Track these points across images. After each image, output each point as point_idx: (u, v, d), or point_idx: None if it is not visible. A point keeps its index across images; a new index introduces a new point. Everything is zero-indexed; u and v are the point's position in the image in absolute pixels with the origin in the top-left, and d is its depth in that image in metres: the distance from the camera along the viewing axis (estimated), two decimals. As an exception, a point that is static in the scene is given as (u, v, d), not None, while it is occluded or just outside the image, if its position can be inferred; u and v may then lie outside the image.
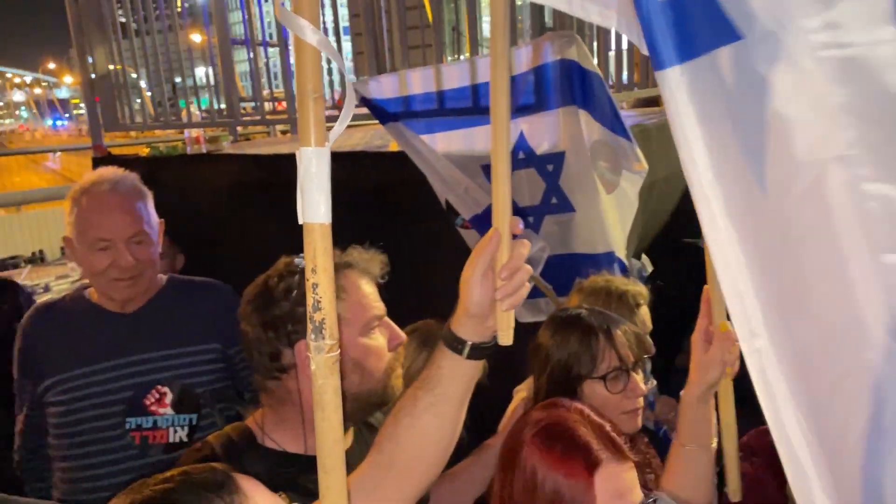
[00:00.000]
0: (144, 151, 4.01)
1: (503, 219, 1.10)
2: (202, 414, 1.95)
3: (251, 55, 4.32)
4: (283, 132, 6.15)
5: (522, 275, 1.08)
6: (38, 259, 11.55)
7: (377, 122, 2.77)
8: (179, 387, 1.93)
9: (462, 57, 4.52)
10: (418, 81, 2.77)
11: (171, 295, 2.02)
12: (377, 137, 3.93)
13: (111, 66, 3.92)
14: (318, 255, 0.97)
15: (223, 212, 3.43)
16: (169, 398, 1.92)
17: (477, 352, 1.11)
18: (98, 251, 1.85)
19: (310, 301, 0.97)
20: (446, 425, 1.12)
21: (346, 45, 5.64)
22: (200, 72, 4.64)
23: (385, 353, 1.45)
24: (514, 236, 1.10)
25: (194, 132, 3.60)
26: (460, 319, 1.11)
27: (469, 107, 2.76)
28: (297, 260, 1.47)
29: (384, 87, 2.78)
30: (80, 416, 1.88)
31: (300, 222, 0.98)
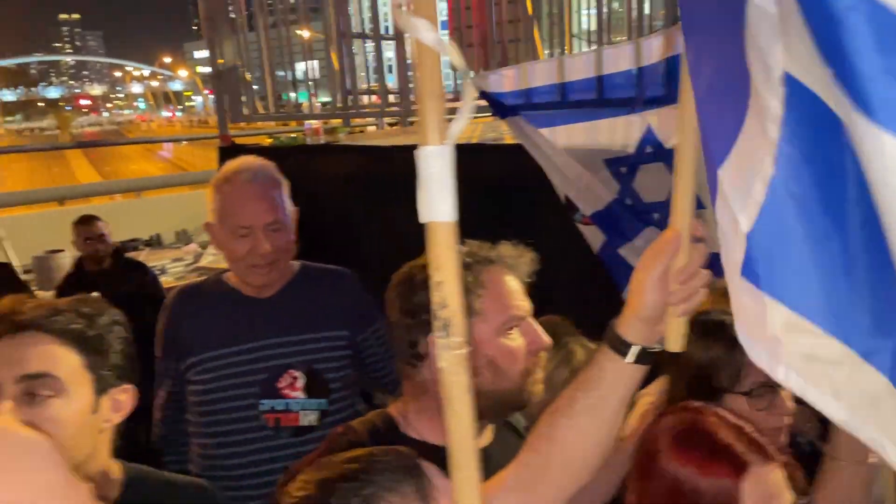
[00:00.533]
0: (266, 142, 4.16)
1: (683, 220, 1.05)
2: (332, 399, 2.00)
3: (357, 48, 4.39)
4: (392, 124, 6.24)
5: (699, 280, 1.04)
6: (155, 242, 12.23)
7: (490, 115, 2.75)
8: (310, 372, 1.98)
9: (557, 52, 4.44)
10: (540, 73, 2.73)
11: (304, 282, 2.07)
12: (490, 130, 3.92)
13: (235, 60, 4.09)
14: (441, 253, 0.96)
15: (341, 200, 3.51)
16: (300, 382, 1.97)
17: (643, 357, 1.08)
18: (238, 238, 1.92)
19: (435, 298, 0.97)
20: (604, 428, 1.09)
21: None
22: (316, 64, 4.77)
23: (521, 355, 1.41)
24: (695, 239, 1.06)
25: (314, 124, 3.68)
26: (628, 322, 1.07)
27: (593, 99, 2.69)
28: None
29: (504, 81, 2.75)
30: (218, 395, 1.96)
31: (422, 221, 0.98)
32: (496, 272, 1.42)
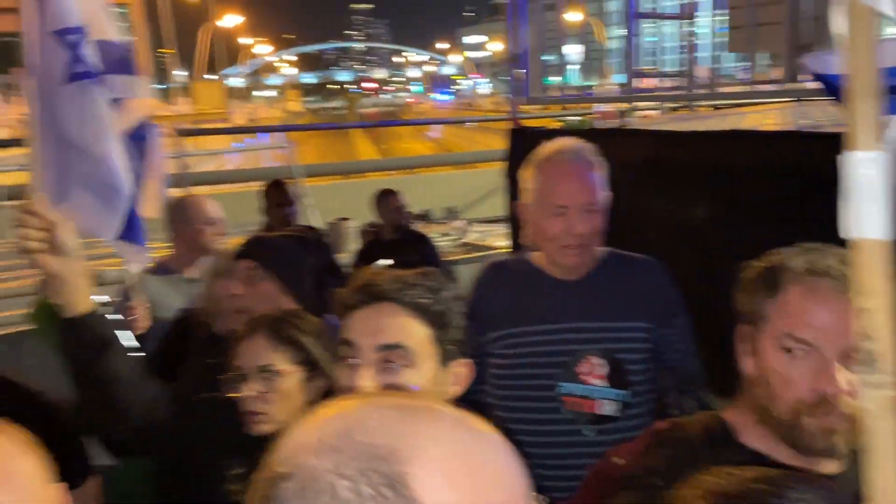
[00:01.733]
0: (554, 125, 4.18)
1: None
2: (634, 391, 1.93)
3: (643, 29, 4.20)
4: (674, 109, 5.94)
5: None
6: (425, 217, 13.08)
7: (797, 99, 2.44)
8: (612, 361, 1.93)
9: None
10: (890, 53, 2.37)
11: (611, 268, 2.02)
12: (801, 116, 3.52)
13: (529, 42, 4.15)
14: (872, 276, 0.82)
15: (631, 186, 3.39)
16: (602, 370, 1.93)
17: None
18: (553, 217, 1.92)
19: (859, 328, 0.84)
20: None
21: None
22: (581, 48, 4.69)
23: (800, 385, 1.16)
24: None
25: (606, 107, 3.60)
26: None
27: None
28: (774, 257, 1.31)
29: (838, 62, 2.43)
30: (518, 371, 1.99)
31: (844, 236, 0.85)
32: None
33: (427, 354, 1.29)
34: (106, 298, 1.53)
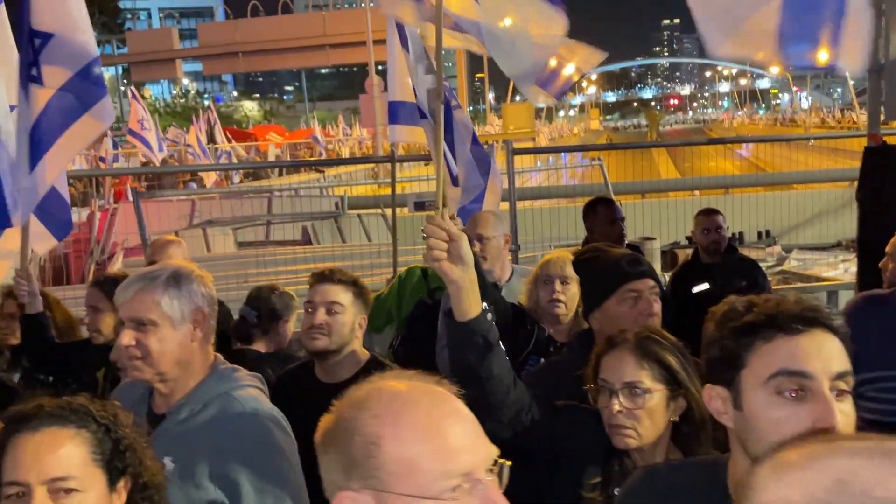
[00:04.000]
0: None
1: None
2: None
3: None
4: None
5: None
6: (736, 240, 12.24)
7: None
8: None
9: None
10: None
11: None
12: None
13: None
14: None
15: None
16: None
17: None
18: None
19: None
20: None
21: None
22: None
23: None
24: None
25: None
26: None
27: None
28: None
29: None
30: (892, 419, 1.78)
31: None
32: None
33: None
34: (485, 305, 1.67)
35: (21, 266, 3.09)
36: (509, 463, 0.91)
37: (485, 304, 1.66)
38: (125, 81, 53.67)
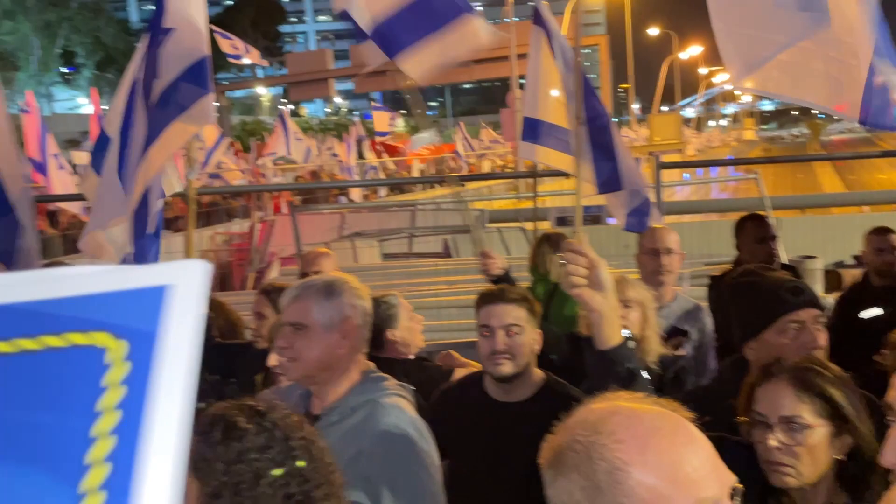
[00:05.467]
0: None
1: None
2: None
3: None
4: None
5: None
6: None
7: None
8: None
9: None
10: None
11: None
12: None
13: None
14: None
15: None
16: None
17: None
18: None
19: None
20: None
21: None
22: None
23: None
24: None
25: None
26: None
27: None
28: None
29: None
30: None
31: None
32: None
33: None
34: (628, 332, 1.62)
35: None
36: (742, 487, 0.88)
37: (626, 331, 1.62)
38: (283, 101, 57.24)
